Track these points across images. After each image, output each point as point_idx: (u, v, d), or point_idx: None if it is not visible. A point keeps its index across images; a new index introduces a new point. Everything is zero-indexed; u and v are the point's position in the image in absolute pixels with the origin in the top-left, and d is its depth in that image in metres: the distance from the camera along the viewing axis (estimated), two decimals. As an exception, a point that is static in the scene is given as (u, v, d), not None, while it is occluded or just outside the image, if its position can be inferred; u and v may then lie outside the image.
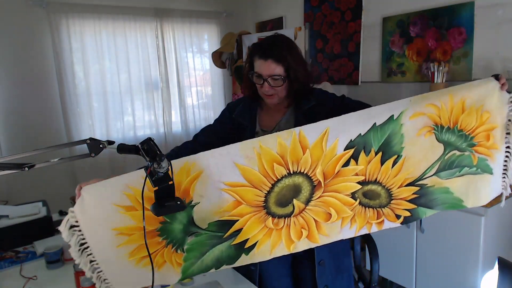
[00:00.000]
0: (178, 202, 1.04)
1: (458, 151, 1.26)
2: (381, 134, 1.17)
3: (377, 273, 1.64)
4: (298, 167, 1.14)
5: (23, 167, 1.03)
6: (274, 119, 1.45)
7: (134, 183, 1.12)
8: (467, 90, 1.23)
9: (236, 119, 1.46)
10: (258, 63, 1.35)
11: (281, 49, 1.33)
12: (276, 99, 1.39)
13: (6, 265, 1.57)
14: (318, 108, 1.41)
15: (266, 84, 1.35)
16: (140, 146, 1.04)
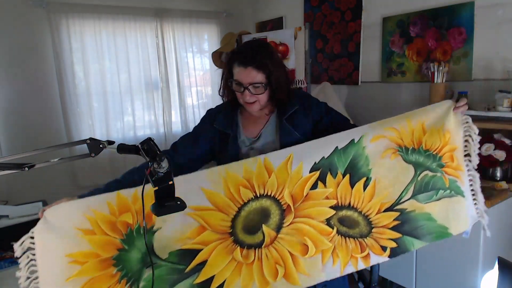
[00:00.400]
0: (178, 202, 1.04)
1: (430, 171, 1.27)
2: (344, 157, 1.20)
3: (377, 273, 1.64)
4: (264, 189, 1.13)
5: (23, 167, 1.03)
6: (257, 126, 1.42)
7: (97, 206, 1.08)
8: (423, 114, 1.27)
9: (217, 128, 1.41)
10: (238, 70, 1.30)
11: (261, 56, 1.28)
12: (257, 107, 1.35)
13: (6, 265, 1.57)
14: (301, 113, 1.39)
15: (247, 92, 1.29)
16: (140, 146, 1.04)
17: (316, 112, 1.41)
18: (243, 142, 1.39)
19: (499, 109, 2.19)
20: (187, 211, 1.07)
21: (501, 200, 2.05)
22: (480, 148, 2.18)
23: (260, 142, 1.38)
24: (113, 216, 1.06)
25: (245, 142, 1.39)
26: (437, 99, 2.50)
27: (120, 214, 1.07)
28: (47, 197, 2.20)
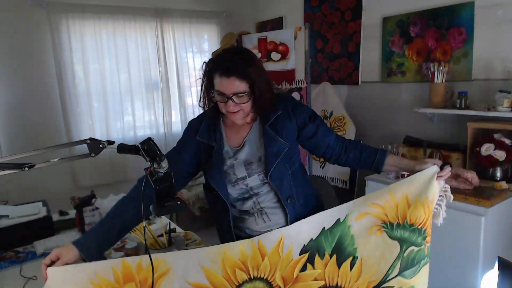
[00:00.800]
0: (178, 202, 1.04)
1: (415, 247, 1.28)
2: (331, 237, 1.20)
3: (377, 273, 1.64)
4: (258, 272, 1.15)
5: (23, 167, 1.03)
6: (240, 134, 1.38)
7: (102, 272, 1.06)
8: (407, 185, 1.27)
9: (201, 141, 1.37)
10: (219, 81, 1.24)
11: (244, 65, 1.23)
12: (241, 116, 1.30)
13: (6, 265, 1.57)
14: (285, 118, 1.36)
15: (231, 102, 1.24)
16: (140, 146, 1.04)
17: (300, 117, 1.38)
18: (227, 152, 1.36)
19: (499, 109, 2.19)
20: (187, 286, 1.09)
21: (501, 200, 2.05)
22: (480, 148, 2.19)
23: (244, 151, 1.35)
24: (117, 284, 1.06)
25: (229, 152, 1.36)
26: (437, 99, 2.51)
27: (124, 283, 1.07)
28: (47, 197, 2.20)
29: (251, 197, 1.36)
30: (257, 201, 1.36)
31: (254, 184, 1.35)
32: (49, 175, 3.27)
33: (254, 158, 1.34)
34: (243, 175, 1.34)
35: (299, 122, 1.38)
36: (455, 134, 2.61)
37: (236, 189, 1.36)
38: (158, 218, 1.93)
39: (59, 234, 1.86)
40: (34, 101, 3.23)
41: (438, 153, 2.45)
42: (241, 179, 1.34)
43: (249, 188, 1.35)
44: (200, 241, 1.75)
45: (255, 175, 1.34)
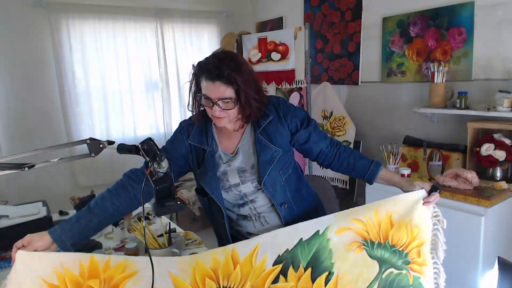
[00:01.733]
0: (178, 202, 1.04)
1: (395, 269, 1.24)
2: (308, 249, 1.16)
3: (377, 273, 1.64)
4: (228, 282, 1.12)
5: (23, 167, 1.03)
6: (233, 141, 1.35)
7: (69, 264, 1.05)
8: (392, 204, 1.23)
9: (193, 144, 1.33)
10: (205, 84, 1.19)
11: (230, 70, 1.17)
12: (226, 122, 1.25)
13: (6, 265, 1.57)
14: (277, 123, 1.33)
15: (216, 107, 1.20)
16: (140, 146, 1.04)
17: (292, 122, 1.35)
18: (220, 157, 1.34)
19: (499, 109, 2.19)
20: None
21: (501, 200, 2.05)
22: (480, 148, 2.19)
23: (237, 159, 1.33)
24: (81, 278, 1.04)
25: (222, 157, 1.34)
26: (437, 99, 2.51)
27: (88, 278, 1.06)
28: (47, 197, 2.20)
29: (246, 204, 1.35)
30: (253, 206, 1.35)
31: (248, 191, 1.33)
32: (49, 175, 3.27)
33: (247, 165, 1.32)
34: (237, 182, 1.33)
35: (291, 127, 1.35)
36: (455, 134, 2.61)
37: (230, 195, 1.34)
38: (158, 218, 1.93)
39: (59, 234, 1.86)
40: (34, 101, 3.23)
41: (438, 153, 2.45)
42: (235, 185, 1.33)
43: (243, 194, 1.34)
44: (200, 241, 1.75)
45: (249, 183, 1.33)
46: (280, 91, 3.19)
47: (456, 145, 2.50)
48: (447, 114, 2.56)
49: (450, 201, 2.12)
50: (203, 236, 1.83)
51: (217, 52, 1.30)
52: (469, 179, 2.12)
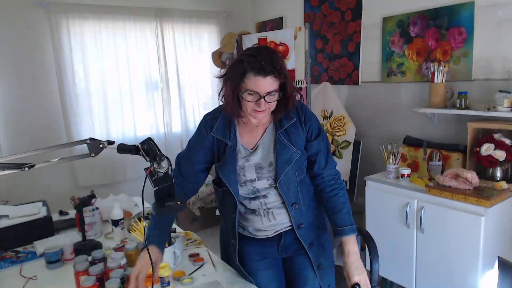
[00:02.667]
0: (178, 202, 1.04)
1: None
2: None
3: (377, 273, 1.64)
4: None
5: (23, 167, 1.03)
6: (254, 137, 1.39)
7: None
8: None
9: (215, 137, 1.38)
10: (254, 80, 1.22)
11: (279, 64, 1.24)
12: (266, 115, 1.32)
13: (6, 265, 1.57)
14: (297, 126, 1.38)
15: (263, 101, 1.24)
16: (140, 146, 1.04)
17: (309, 129, 1.40)
18: (240, 152, 1.37)
19: (499, 109, 2.19)
20: None
21: (501, 200, 2.05)
22: (480, 148, 2.19)
23: (256, 155, 1.36)
24: None
25: (241, 152, 1.37)
26: (437, 99, 2.51)
27: None
28: (47, 197, 2.20)
29: (258, 198, 1.39)
30: (264, 202, 1.39)
31: (262, 187, 1.37)
32: (49, 175, 3.27)
33: (266, 162, 1.36)
34: (253, 178, 1.36)
35: (308, 134, 1.40)
36: (455, 134, 2.61)
37: (244, 189, 1.38)
38: (158, 218, 1.93)
39: (59, 234, 1.86)
40: (34, 101, 3.23)
41: (438, 153, 2.45)
42: (250, 181, 1.37)
43: (256, 190, 1.38)
44: (200, 241, 1.75)
45: (264, 180, 1.36)
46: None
47: (456, 145, 2.50)
48: (447, 114, 2.56)
49: (450, 201, 2.12)
50: (203, 236, 1.83)
51: (262, 46, 1.31)
52: (469, 179, 2.12)
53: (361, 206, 2.82)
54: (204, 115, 1.44)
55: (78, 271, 1.34)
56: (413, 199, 2.29)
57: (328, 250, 1.51)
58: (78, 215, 1.76)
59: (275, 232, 1.42)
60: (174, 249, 1.48)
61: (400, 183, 2.42)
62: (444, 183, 2.17)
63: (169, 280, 1.33)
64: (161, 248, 1.30)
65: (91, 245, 1.67)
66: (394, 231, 2.41)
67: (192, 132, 4.39)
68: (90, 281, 1.26)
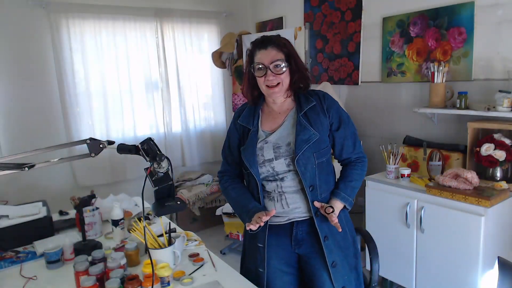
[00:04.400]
0: (178, 202, 1.04)
1: None
2: None
3: (377, 273, 1.64)
4: None
5: (23, 167, 1.03)
6: (276, 122, 1.47)
7: None
8: None
9: (241, 124, 1.51)
10: (259, 54, 1.39)
11: (279, 39, 1.41)
12: (279, 90, 1.41)
13: (6, 265, 1.57)
14: (318, 111, 1.44)
15: (270, 72, 1.37)
16: (140, 146, 1.05)
17: (332, 117, 1.46)
18: (260, 136, 1.46)
19: (499, 109, 2.19)
20: None
21: (501, 200, 2.05)
22: (480, 148, 2.19)
23: (274, 135, 1.44)
24: None
25: (261, 135, 1.46)
26: (437, 99, 2.51)
27: None
28: (47, 197, 2.20)
29: (275, 180, 1.43)
30: (280, 185, 1.42)
31: (280, 169, 1.41)
32: (49, 175, 3.27)
33: (283, 142, 1.42)
34: (271, 157, 1.42)
35: (331, 122, 1.46)
36: (455, 134, 2.61)
37: (263, 171, 1.43)
38: (158, 218, 1.93)
39: (59, 234, 1.86)
40: (34, 101, 3.23)
41: (438, 153, 2.45)
42: (268, 161, 1.42)
43: (275, 172, 1.42)
44: (200, 241, 1.75)
45: (282, 159, 1.41)
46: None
47: (456, 145, 2.50)
48: (447, 114, 2.56)
49: (450, 201, 2.12)
50: (203, 236, 1.83)
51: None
52: (469, 179, 2.12)
53: (361, 206, 2.82)
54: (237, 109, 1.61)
55: (78, 271, 1.34)
56: (413, 199, 2.30)
57: (345, 249, 1.47)
58: (78, 215, 1.76)
59: (287, 220, 1.44)
60: (174, 249, 1.48)
61: (400, 183, 2.42)
62: (444, 183, 2.17)
63: (169, 280, 1.33)
64: (260, 207, 1.42)
65: (91, 245, 1.67)
66: (394, 231, 2.41)
67: (192, 132, 4.40)
68: (90, 281, 1.26)
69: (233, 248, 3.40)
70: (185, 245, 1.68)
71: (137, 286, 1.27)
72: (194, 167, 4.13)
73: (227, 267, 1.51)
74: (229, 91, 4.11)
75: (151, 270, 1.25)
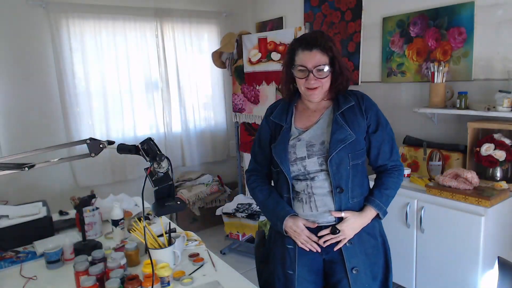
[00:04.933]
0: (178, 202, 1.04)
1: None
2: None
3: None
4: None
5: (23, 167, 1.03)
6: (310, 120, 1.42)
7: None
8: None
9: (273, 121, 1.46)
10: (302, 55, 1.32)
11: (326, 40, 1.31)
12: (319, 93, 1.35)
13: (6, 265, 1.57)
14: (356, 111, 1.38)
15: (312, 76, 1.31)
16: (140, 146, 1.05)
17: (370, 119, 1.39)
18: (293, 133, 1.42)
19: (499, 109, 2.19)
20: None
21: (501, 200, 2.05)
22: (480, 148, 2.19)
23: (308, 133, 1.39)
24: None
25: (294, 133, 1.42)
26: (437, 99, 2.51)
27: None
28: (47, 197, 2.20)
29: (305, 180, 1.38)
30: (310, 185, 1.37)
31: (312, 168, 1.36)
32: (49, 175, 3.28)
33: (317, 141, 1.37)
34: (303, 155, 1.37)
35: (368, 124, 1.40)
36: (455, 134, 2.61)
37: (294, 169, 1.39)
38: (158, 218, 1.93)
39: (59, 234, 1.86)
40: (34, 101, 3.23)
41: (438, 153, 2.45)
42: (300, 159, 1.37)
43: (306, 171, 1.37)
44: (200, 241, 1.75)
45: (315, 158, 1.35)
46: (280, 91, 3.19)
47: (456, 145, 2.50)
48: (447, 114, 2.56)
49: (450, 201, 2.12)
50: (203, 236, 1.83)
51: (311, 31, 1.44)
52: (469, 179, 2.12)
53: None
54: (270, 105, 1.56)
55: (78, 271, 1.34)
56: (413, 199, 2.30)
57: (372, 257, 1.41)
58: (78, 215, 1.76)
59: (315, 224, 1.38)
60: (174, 249, 1.48)
61: (400, 183, 2.41)
62: (444, 183, 2.17)
63: (169, 280, 1.33)
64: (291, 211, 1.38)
65: (91, 245, 1.67)
66: (394, 231, 2.41)
67: (192, 132, 4.39)
68: (90, 281, 1.26)
69: (233, 248, 3.40)
70: (185, 245, 1.68)
71: (137, 286, 1.27)
72: (194, 167, 4.13)
73: (227, 267, 1.51)
74: (229, 91, 4.11)
75: (151, 270, 1.25)
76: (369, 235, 1.42)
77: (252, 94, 3.41)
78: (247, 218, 3.16)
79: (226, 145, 4.32)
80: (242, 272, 1.78)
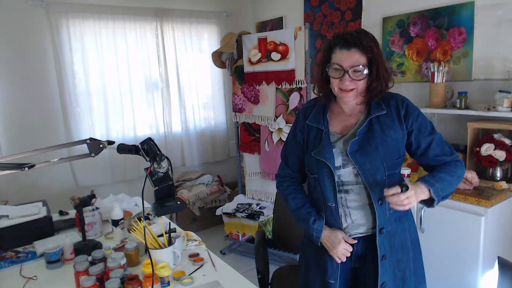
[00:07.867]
0: (178, 202, 1.04)
1: None
2: None
3: (377, 273, 1.64)
4: None
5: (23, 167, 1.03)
6: (346, 126, 1.34)
7: None
8: None
9: (310, 125, 1.37)
10: (339, 54, 1.23)
11: (367, 39, 1.22)
12: (353, 95, 1.26)
13: (6, 265, 1.57)
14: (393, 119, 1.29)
15: (347, 76, 1.22)
16: (140, 146, 1.04)
17: (411, 125, 1.30)
18: (329, 138, 1.33)
19: (499, 109, 2.19)
20: None
21: (501, 200, 2.05)
22: (480, 148, 2.19)
23: (343, 141, 1.31)
24: None
25: (330, 139, 1.33)
26: (437, 99, 2.51)
27: None
28: (47, 197, 2.20)
29: (340, 192, 1.31)
30: (345, 197, 1.31)
31: (346, 179, 1.30)
32: (49, 175, 3.28)
33: (353, 149, 1.28)
34: (338, 165, 1.29)
35: (412, 127, 1.30)
36: (455, 134, 2.61)
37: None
38: (158, 218, 1.93)
39: (59, 234, 1.86)
40: (34, 101, 3.23)
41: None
42: (336, 168, 1.29)
43: (340, 181, 1.30)
44: (200, 241, 1.75)
45: (350, 167, 1.28)
46: (280, 91, 3.19)
47: (456, 145, 2.50)
48: (447, 114, 2.56)
49: (450, 201, 2.12)
50: (203, 236, 1.83)
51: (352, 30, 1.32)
52: (469, 179, 2.12)
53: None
54: (303, 106, 1.46)
55: (78, 271, 1.34)
56: (413, 199, 2.29)
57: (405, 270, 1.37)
58: (78, 215, 1.76)
59: (350, 235, 1.33)
60: (174, 249, 1.48)
61: (400, 183, 2.41)
62: (444, 183, 2.17)
63: (169, 280, 1.33)
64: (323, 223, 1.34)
65: (91, 245, 1.67)
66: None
67: (192, 132, 4.39)
68: (90, 281, 1.26)
69: (233, 248, 3.40)
70: (185, 245, 1.68)
71: (137, 286, 1.27)
72: (194, 167, 4.13)
73: (227, 267, 1.51)
74: (229, 91, 4.11)
75: (151, 270, 1.25)
76: (404, 249, 1.38)
77: (252, 94, 3.41)
78: (247, 218, 3.16)
79: (226, 145, 4.32)
80: (242, 272, 1.78)
